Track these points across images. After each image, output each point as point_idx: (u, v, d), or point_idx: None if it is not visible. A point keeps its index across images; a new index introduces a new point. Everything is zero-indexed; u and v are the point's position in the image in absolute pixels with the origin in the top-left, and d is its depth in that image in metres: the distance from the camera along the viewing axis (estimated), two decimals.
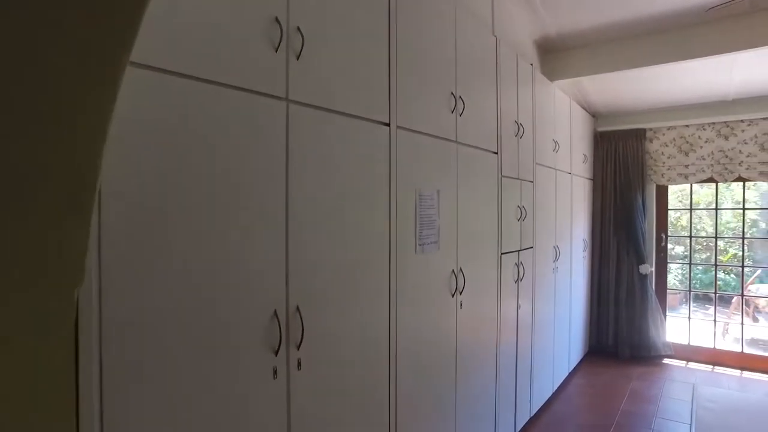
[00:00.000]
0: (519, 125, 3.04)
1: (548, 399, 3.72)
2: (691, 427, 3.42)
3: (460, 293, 2.34)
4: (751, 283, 6.65)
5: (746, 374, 4.61)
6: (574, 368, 4.52)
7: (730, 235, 7.51)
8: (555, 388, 3.88)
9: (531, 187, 3.28)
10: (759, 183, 5.46)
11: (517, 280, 3.06)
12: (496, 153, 2.74)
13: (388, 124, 1.83)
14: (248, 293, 1.29)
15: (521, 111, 3.09)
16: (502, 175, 2.81)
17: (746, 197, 4.97)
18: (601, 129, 5.17)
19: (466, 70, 2.39)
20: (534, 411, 3.40)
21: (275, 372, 1.35)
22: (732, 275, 7.59)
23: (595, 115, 5.19)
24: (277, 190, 1.37)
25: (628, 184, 5.01)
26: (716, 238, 5.41)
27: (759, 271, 6.76)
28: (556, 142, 3.79)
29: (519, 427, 3.13)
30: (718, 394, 4.04)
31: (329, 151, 1.56)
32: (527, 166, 3.22)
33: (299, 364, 1.42)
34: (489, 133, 2.66)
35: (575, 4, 3.16)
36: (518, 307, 3.09)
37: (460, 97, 2.30)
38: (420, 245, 2.05)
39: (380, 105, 1.80)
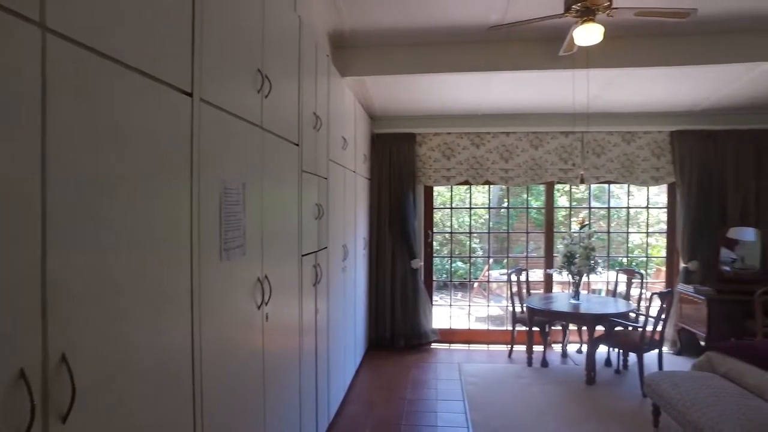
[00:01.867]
0: (317, 117, 2.86)
1: (343, 399, 3.67)
2: (464, 403, 3.80)
3: (266, 304, 2.03)
4: (488, 270, 7.96)
5: (492, 347, 5.43)
6: (359, 364, 4.60)
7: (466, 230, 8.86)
8: (347, 387, 3.85)
9: (326, 185, 3.15)
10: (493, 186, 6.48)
11: (316, 282, 2.88)
12: (298, 145, 2.51)
13: (190, 94, 1.42)
14: None
15: (319, 103, 2.92)
16: (302, 170, 2.59)
17: (480, 200, 5.85)
18: (377, 131, 5.41)
19: (273, 48, 2.09)
20: (332, 413, 3.30)
21: None
22: (466, 265, 8.95)
23: (372, 116, 5.40)
24: (27, 170, 0.86)
25: (402, 185, 5.36)
26: (470, 233, 6.23)
27: (491, 261, 8.14)
28: (345, 140, 3.75)
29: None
30: (476, 369, 4.62)
31: (112, 119, 1.09)
32: (323, 161, 3.07)
33: None
34: (291, 123, 2.41)
35: (375, 2, 3.14)
36: (316, 311, 2.91)
37: (266, 76, 1.99)
38: (225, 251, 1.67)
39: (181, 67, 1.37)
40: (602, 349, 4.68)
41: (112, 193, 1.08)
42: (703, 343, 4.69)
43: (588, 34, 2.80)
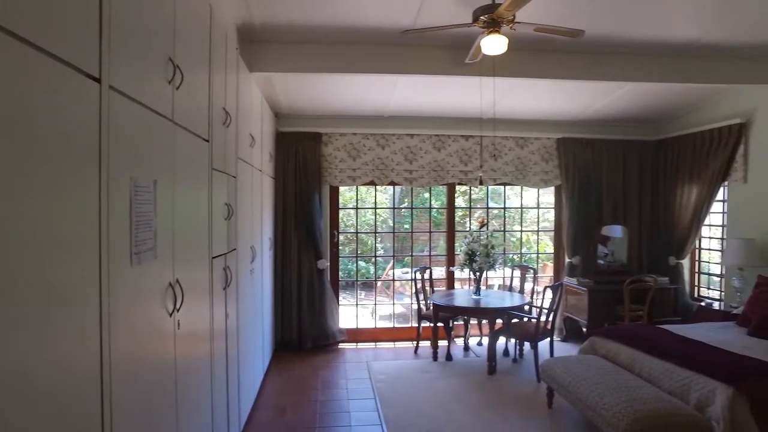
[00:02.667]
0: (227, 113, 2.72)
1: (253, 405, 3.52)
2: (375, 400, 3.84)
3: (178, 310, 1.88)
4: (390, 269, 8.11)
5: (398, 344, 5.55)
6: (267, 368, 4.46)
7: (368, 230, 8.98)
8: (256, 392, 3.71)
9: (235, 183, 3.01)
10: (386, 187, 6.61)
11: (226, 286, 2.74)
12: (208, 141, 2.36)
13: (98, 80, 1.27)
14: None
15: (228, 98, 2.78)
16: (212, 168, 2.45)
17: (378, 199, 5.95)
18: (282, 129, 5.28)
19: (184, 35, 1.95)
20: (243, 421, 3.16)
21: None
22: (370, 264, 9.08)
23: (277, 114, 5.26)
24: None
25: (307, 185, 5.28)
26: (375, 233, 6.29)
27: (392, 261, 8.31)
28: (252, 137, 3.62)
29: None
30: (385, 367, 4.69)
31: (9, 101, 0.94)
32: (232, 159, 2.93)
33: None
34: (202, 117, 2.27)
35: None
36: (227, 315, 2.77)
37: (178, 66, 1.85)
38: (136, 254, 1.52)
39: (88, 48, 1.22)
40: (501, 341, 5.00)
41: (4, 189, 0.94)
42: (585, 330, 5.20)
43: (494, 44, 2.98)
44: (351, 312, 5.93)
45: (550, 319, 4.44)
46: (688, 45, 3.87)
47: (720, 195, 5.11)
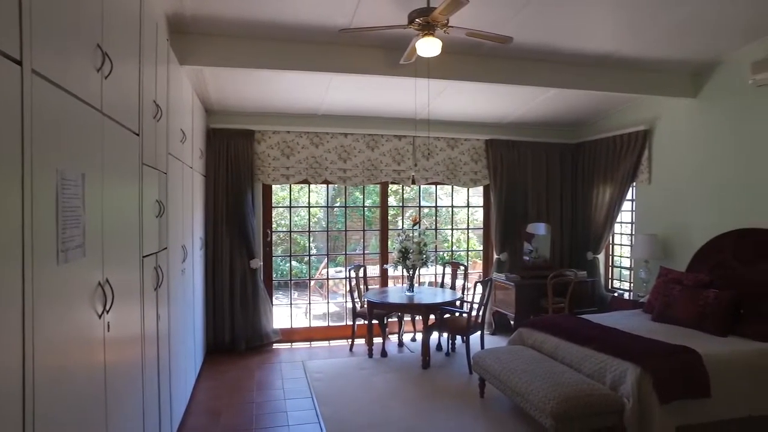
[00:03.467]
0: (158, 107, 2.61)
1: (185, 411, 3.39)
2: (312, 399, 3.82)
3: (108, 312, 1.79)
4: (323, 268, 8.08)
5: (333, 343, 5.55)
6: (200, 371, 4.30)
7: (302, 229, 8.90)
8: (188, 397, 3.57)
9: (165, 180, 2.88)
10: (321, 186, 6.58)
11: (157, 286, 2.62)
12: (138, 135, 2.25)
13: (19, 63, 1.19)
14: None
15: (159, 91, 2.66)
16: (143, 163, 2.34)
17: (312, 198, 5.92)
18: (214, 125, 5.12)
19: (113, 21, 1.85)
20: (175, 428, 3.03)
21: None
22: (303, 264, 9.01)
23: (208, 110, 5.09)
24: None
25: (240, 183, 5.16)
26: (309, 232, 6.24)
27: (325, 260, 8.28)
28: (183, 133, 3.48)
29: None
30: (321, 365, 4.68)
31: None
32: (163, 155, 2.81)
33: None
34: (132, 109, 2.16)
35: None
36: (158, 317, 2.65)
37: (106, 53, 1.75)
38: (63, 251, 1.43)
39: (7, 26, 1.14)
40: (434, 336, 5.14)
41: None
42: (512, 323, 5.47)
43: (428, 47, 3.07)
44: (285, 312, 5.86)
45: (481, 313, 4.63)
46: (605, 57, 4.19)
47: (629, 195, 5.57)
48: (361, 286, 5.48)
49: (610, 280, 6.11)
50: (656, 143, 5.16)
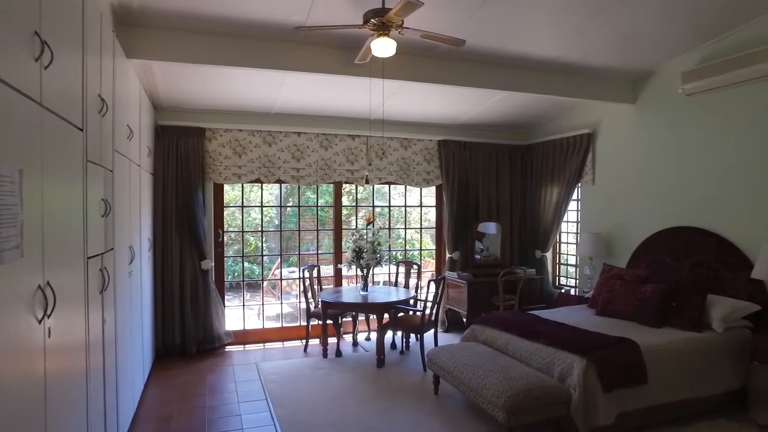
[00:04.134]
0: (103, 101, 2.50)
1: (133, 418, 3.26)
2: (267, 401, 3.76)
3: (49, 317, 1.70)
4: (276, 268, 7.97)
5: (287, 344, 5.49)
6: (148, 377, 4.14)
7: (254, 229, 8.73)
8: (137, 404, 3.43)
9: (111, 178, 2.76)
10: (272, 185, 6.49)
11: (102, 289, 2.51)
12: (82, 130, 2.15)
13: None
14: None
15: (104, 84, 2.55)
16: (87, 160, 2.23)
17: (265, 198, 5.84)
18: (163, 122, 4.94)
19: (53, 7, 1.76)
20: None
21: None
22: (255, 264, 8.84)
23: (157, 106, 4.91)
24: None
25: (190, 182, 5.01)
26: (261, 232, 6.14)
27: (279, 260, 8.17)
28: (130, 129, 3.35)
29: None
30: (275, 367, 4.62)
31: None
32: (108, 152, 2.69)
33: None
34: (75, 103, 2.06)
35: None
36: (104, 321, 2.54)
37: (46, 42, 1.66)
38: None
39: None
40: (388, 334, 5.17)
41: None
42: (465, 320, 5.59)
43: (383, 47, 3.09)
44: (238, 313, 5.73)
45: (434, 311, 4.70)
46: (550, 62, 4.37)
47: (575, 195, 5.82)
48: (315, 286, 5.45)
49: (557, 277, 6.36)
50: (599, 146, 5.41)
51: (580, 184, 5.69)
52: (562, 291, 5.65)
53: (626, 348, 3.27)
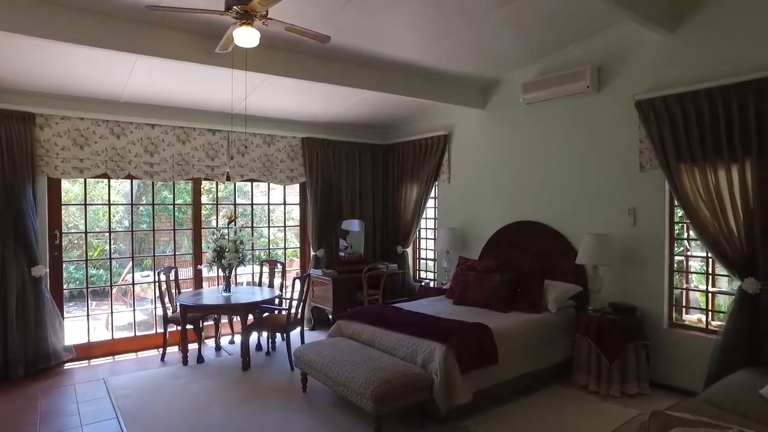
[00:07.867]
0: None
1: None
2: (118, 419, 3.41)
3: None
4: (128, 272, 7.23)
5: (141, 354, 5.03)
6: None
7: (98, 230, 7.84)
8: None
9: None
10: (122, 181, 5.91)
11: None
12: None
13: None
14: None
15: None
16: None
17: (111, 194, 5.26)
18: None
19: None
20: None
21: None
22: (103, 269, 7.96)
23: None
24: None
25: (15, 175, 4.32)
26: (110, 233, 5.52)
27: (130, 263, 7.42)
28: None
29: None
30: (127, 380, 4.21)
31: None
32: None
33: None
34: None
35: None
36: None
37: None
38: None
39: None
40: (253, 336, 5.01)
41: None
42: (331, 317, 5.65)
43: (246, 37, 2.98)
44: (81, 325, 5.08)
45: (300, 309, 4.68)
46: (409, 65, 4.61)
47: (433, 193, 6.23)
48: (173, 290, 5.07)
49: (418, 271, 6.74)
50: (454, 147, 5.87)
51: (437, 183, 6.10)
52: (423, 284, 6.00)
53: (480, 333, 3.60)
